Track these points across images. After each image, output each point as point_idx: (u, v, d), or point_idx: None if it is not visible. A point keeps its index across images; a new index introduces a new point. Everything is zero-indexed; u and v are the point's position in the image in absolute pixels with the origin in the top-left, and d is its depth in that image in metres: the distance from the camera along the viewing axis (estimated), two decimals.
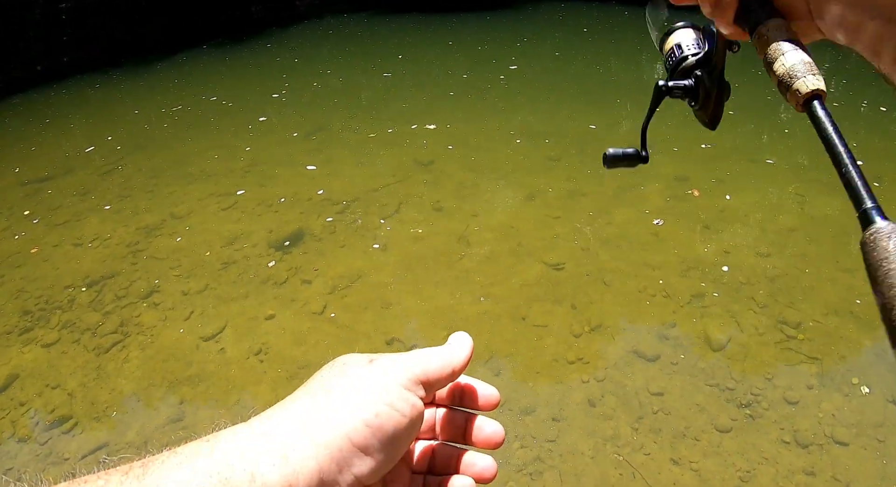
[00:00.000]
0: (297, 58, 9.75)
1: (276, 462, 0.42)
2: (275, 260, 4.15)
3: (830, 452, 2.69)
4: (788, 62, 0.58)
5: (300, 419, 0.45)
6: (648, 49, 9.86)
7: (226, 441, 0.43)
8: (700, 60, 0.81)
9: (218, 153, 5.97)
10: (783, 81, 0.58)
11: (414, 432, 0.50)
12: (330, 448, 0.44)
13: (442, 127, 6.30)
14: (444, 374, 0.53)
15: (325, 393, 0.47)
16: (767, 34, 0.63)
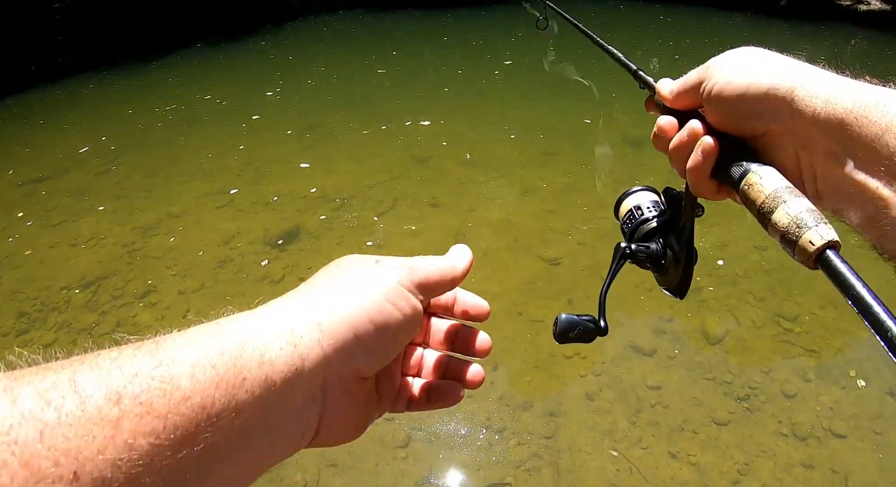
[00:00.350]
0: (292, 55, 9.72)
1: (283, 346, 0.44)
2: (270, 259, 4.14)
3: (828, 445, 2.69)
4: (793, 210, 0.52)
5: (308, 309, 0.48)
6: (644, 43, 9.88)
7: (235, 324, 0.45)
8: (665, 223, 0.75)
9: (212, 152, 5.95)
10: (788, 234, 0.51)
11: (412, 332, 0.54)
12: (335, 339, 0.47)
13: (436, 123, 6.29)
14: (444, 281, 0.57)
15: (333, 288, 0.51)
16: (761, 182, 0.57)
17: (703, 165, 0.63)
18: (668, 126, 0.69)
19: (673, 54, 8.81)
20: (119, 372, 0.38)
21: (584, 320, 0.65)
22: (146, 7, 10.33)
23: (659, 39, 9.80)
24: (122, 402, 0.37)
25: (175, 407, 0.38)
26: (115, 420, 0.36)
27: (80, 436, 0.34)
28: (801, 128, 0.58)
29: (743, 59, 0.64)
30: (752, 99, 0.60)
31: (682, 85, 0.69)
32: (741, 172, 0.59)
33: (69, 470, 0.33)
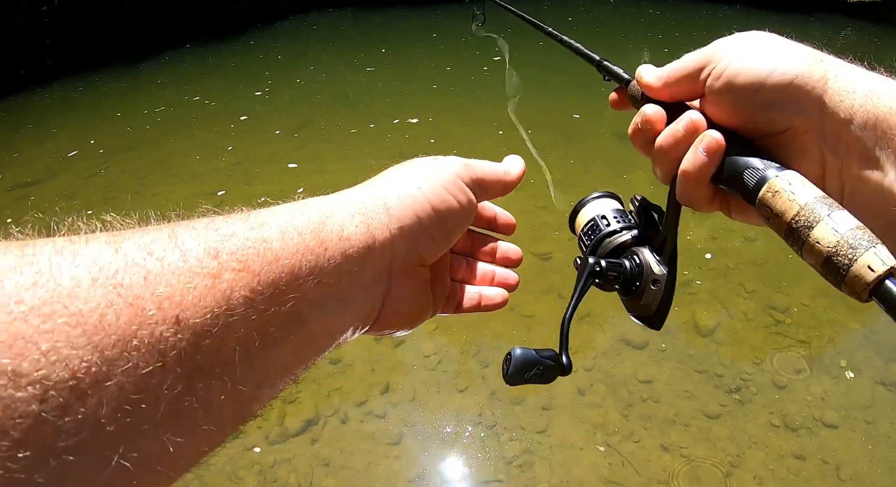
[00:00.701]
0: (281, 55, 9.70)
1: (358, 224, 0.48)
2: None
3: (819, 435, 2.70)
4: (842, 227, 0.43)
5: (378, 195, 0.52)
6: (635, 37, 9.89)
7: (316, 202, 0.50)
8: (639, 237, 0.63)
9: (202, 153, 5.93)
10: (836, 257, 0.42)
11: (467, 222, 0.58)
12: (402, 223, 0.51)
13: (424, 120, 6.28)
14: (498, 183, 0.61)
15: (398, 178, 0.55)
16: (791, 190, 0.47)
17: (705, 167, 0.53)
18: (656, 116, 0.59)
19: (662, 48, 8.81)
20: (215, 233, 0.41)
21: (544, 357, 0.55)
22: (136, 9, 10.29)
23: (648, 33, 9.81)
24: (220, 256, 0.39)
25: (267, 265, 0.41)
26: (214, 272, 0.38)
27: (182, 284, 0.36)
28: (832, 127, 0.50)
29: (758, 41, 0.55)
30: (774, 87, 0.51)
31: (676, 70, 0.59)
32: (759, 177, 0.49)
33: (172, 315, 0.35)
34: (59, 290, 0.32)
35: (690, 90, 0.58)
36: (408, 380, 3.06)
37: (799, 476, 2.54)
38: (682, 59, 0.59)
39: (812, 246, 0.44)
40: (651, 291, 0.58)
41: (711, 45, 0.57)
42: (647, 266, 0.59)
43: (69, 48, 9.50)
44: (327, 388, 3.05)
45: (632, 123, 0.62)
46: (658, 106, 0.59)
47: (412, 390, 3.00)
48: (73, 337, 0.31)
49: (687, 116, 0.56)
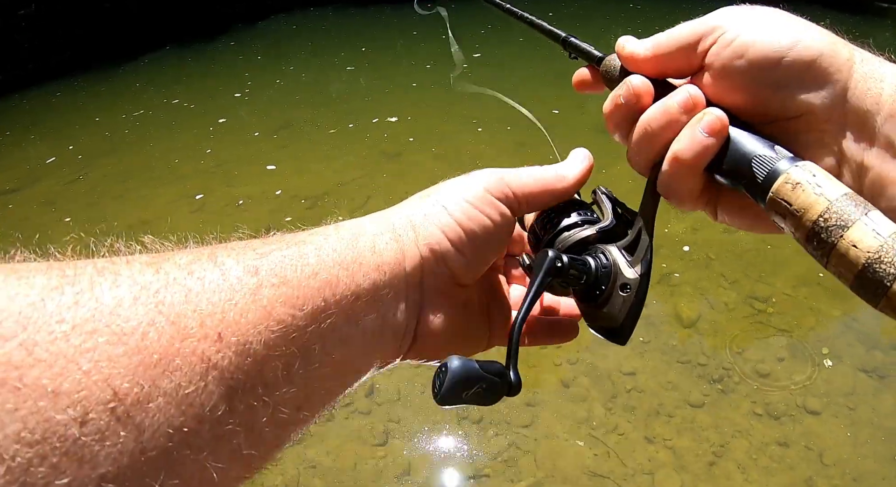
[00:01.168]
0: (261, 55, 9.65)
1: (388, 241, 0.48)
2: None
3: (802, 422, 2.72)
4: (884, 230, 0.36)
5: (406, 215, 0.51)
6: (617, 31, 9.90)
7: (346, 223, 0.51)
8: (606, 231, 0.52)
9: (182, 156, 5.89)
10: (874, 268, 0.35)
11: (504, 239, 0.53)
12: (428, 240, 0.49)
13: (403, 119, 6.27)
14: (544, 193, 0.54)
15: (424, 197, 0.53)
16: (816, 184, 0.39)
17: (704, 150, 0.45)
18: (643, 88, 0.50)
19: None
20: (253, 252, 0.41)
21: (488, 372, 0.43)
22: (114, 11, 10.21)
23: (629, 27, 9.83)
24: (260, 273, 0.39)
25: (306, 280, 0.41)
26: (254, 289, 0.38)
27: (223, 301, 0.36)
28: (855, 116, 0.43)
29: (771, 14, 0.48)
30: (794, 64, 0.44)
31: (668, 40, 0.52)
32: (772, 167, 0.42)
33: (214, 331, 0.35)
34: (101, 309, 0.32)
35: (684, 64, 0.51)
36: (392, 380, 3.06)
37: (783, 463, 2.56)
38: (676, 28, 0.52)
39: (846, 251, 0.36)
40: (619, 298, 0.48)
41: (712, 14, 0.50)
42: (616, 267, 0.49)
43: (48, 53, 9.42)
44: None
45: (610, 99, 0.53)
46: (646, 78, 0.51)
47: (397, 390, 3.00)
48: (114, 356, 0.31)
49: (684, 90, 0.48)
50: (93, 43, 9.83)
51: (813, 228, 0.39)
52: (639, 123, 0.50)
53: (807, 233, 0.39)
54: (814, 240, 0.39)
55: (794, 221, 0.40)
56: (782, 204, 0.41)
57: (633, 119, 0.51)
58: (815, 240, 0.39)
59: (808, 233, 0.39)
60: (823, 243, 0.38)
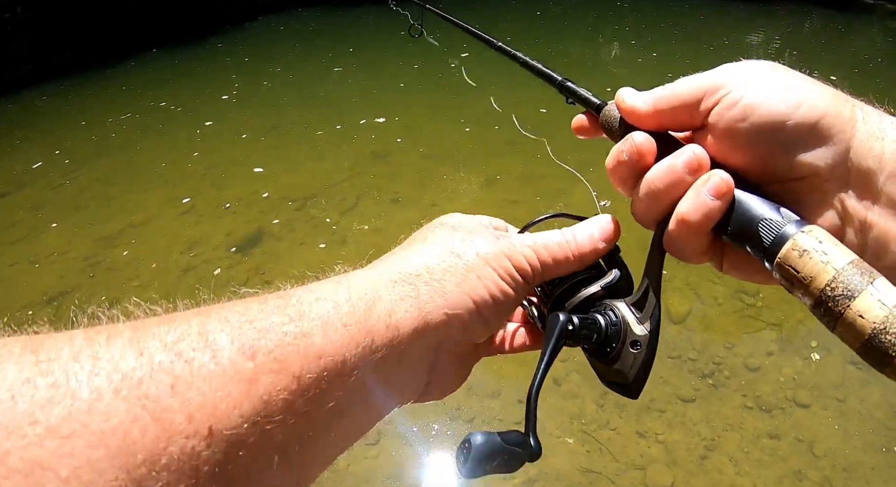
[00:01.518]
0: (248, 57, 9.62)
1: (410, 309, 0.45)
2: (234, 263, 4.10)
3: (793, 415, 2.74)
4: (889, 300, 0.36)
5: (432, 276, 0.48)
6: (604, 30, 9.95)
7: (361, 281, 0.46)
8: (612, 287, 0.53)
9: (170, 159, 5.86)
10: (879, 338, 0.36)
11: (519, 303, 0.53)
12: (458, 310, 0.47)
13: (391, 119, 6.27)
14: (557, 265, 0.53)
15: (448, 250, 0.50)
16: (823, 251, 0.40)
17: (710, 213, 0.45)
18: (647, 147, 0.49)
19: (630, 40, 8.86)
20: (250, 327, 0.37)
21: (510, 443, 0.44)
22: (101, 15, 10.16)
23: (617, 25, 9.86)
24: (257, 357, 0.36)
25: (308, 364, 0.38)
26: (249, 376, 0.35)
27: (215, 391, 0.33)
28: (858, 176, 0.43)
29: (772, 72, 0.47)
30: (799, 127, 0.43)
31: (670, 96, 0.50)
32: (779, 232, 0.42)
33: (204, 426, 0.32)
34: (78, 406, 0.29)
35: (686, 121, 0.50)
36: None
37: (774, 455, 2.57)
38: (677, 83, 0.50)
39: (853, 321, 0.37)
40: (629, 355, 0.48)
41: (715, 71, 0.49)
42: (626, 324, 0.49)
43: (34, 57, 9.36)
44: None
45: (613, 154, 0.52)
46: (648, 134, 0.50)
47: None
48: (94, 460, 0.28)
49: (689, 151, 0.47)
50: (78, 47, 9.78)
51: (820, 296, 0.39)
52: (643, 182, 0.49)
53: (814, 300, 0.40)
54: (821, 307, 0.39)
55: (801, 288, 0.41)
56: (790, 270, 0.41)
57: (637, 175, 0.51)
58: (822, 307, 0.39)
59: (816, 300, 0.40)
60: (831, 311, 0.39)
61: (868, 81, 6.83)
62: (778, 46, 8.43)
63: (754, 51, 8.20)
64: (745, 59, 0.50)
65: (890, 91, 6.40)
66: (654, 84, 0.53)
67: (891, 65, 7.45)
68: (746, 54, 8.08)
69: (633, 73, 7.56)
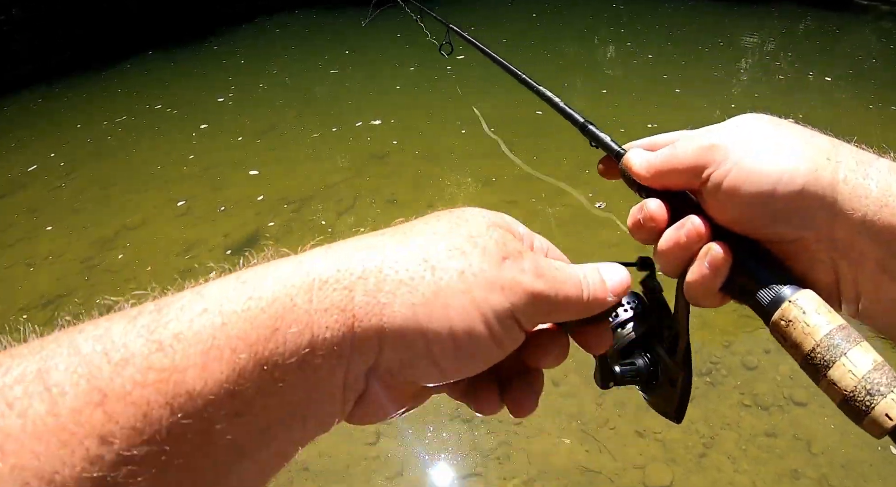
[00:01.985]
0: (244, 59, 9.61)
1: (332, 324, 0.35)
2: (232, 265, 4.07)
3: (790, 413, 2.75)
4: (860, 369, 0.41)
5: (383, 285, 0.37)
6: (599, 32, 9.97)
7: (271, 282, 0.36)
8: (649, 331, 0.57)
9: (166, 162, 5.85)
10: (854, 401, 0.41)
11: (499, 359, 0.41)
12: (397, 340, 0.37)
13: (387, 121, 6.27)
14: (570, 309, 0.43)
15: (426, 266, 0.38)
16: (806, 321, 0.44)
17: (711, 281, 0.49)
18: (659, 214, 0.53)
19: (625, 42, 8.89)
20: (103, 359, 0.30)
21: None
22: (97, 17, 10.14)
23: (612, 27, 9.88)
24: (107, 403, 0.29)
25: (179, 406, 0.30)
26: (99, 429, 0.28)
27: (53, 451, 0.27)
28: (844, 235, 0.46)
29: (757, 135, 0.49)
30: (782, 198, 0.46)
31: (669, 163, 0.53)
32: (772, 298, 0.46)
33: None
34: None
35: (686, 184, 0.53)
36: None
37: (772, 453, 2.58)
38: (676, 149, 0.53)
39: (828, 386, 0.42)
40: (668, 389, 0.55)
41: (709, 137, 0.51)
42: (662, 364, 0.55)
43: (30, 60, 9.34)
44: None
45: (631, 217, 0.55)
46: (660, 200, 0.53)
47: None
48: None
49: (689, 222, 0.50)
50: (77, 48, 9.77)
51: (804, 361, 0.44)
52: (657, 247, 0.53)
53: (800, 362, 0.45)
54: (805, 369, 0.45)
55: (790, 351, 0.46)
56: (779, 336, 0.46)
57: (654, 236, 0.54)
58: (806, 370, 0.45)
59: (801, 363, 0.45)
60: (813, 375, 0.44)
61: (863, 83, 6.86)
62: (773, 48, 8.46)
63: (750, 52, 8.23)
64: (738, 115, 0.53)
65: (885, 92, 6.43)
66: (650, 86, 0.55)
67: (885, 66, 7.48)
68: (742, 55, 8.11)
69: (629, 74, 7.58)
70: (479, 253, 0.39)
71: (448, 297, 0.37)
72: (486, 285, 0.38)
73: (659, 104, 6.31)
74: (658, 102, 6.36)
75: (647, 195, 0.56)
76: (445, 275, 0.38)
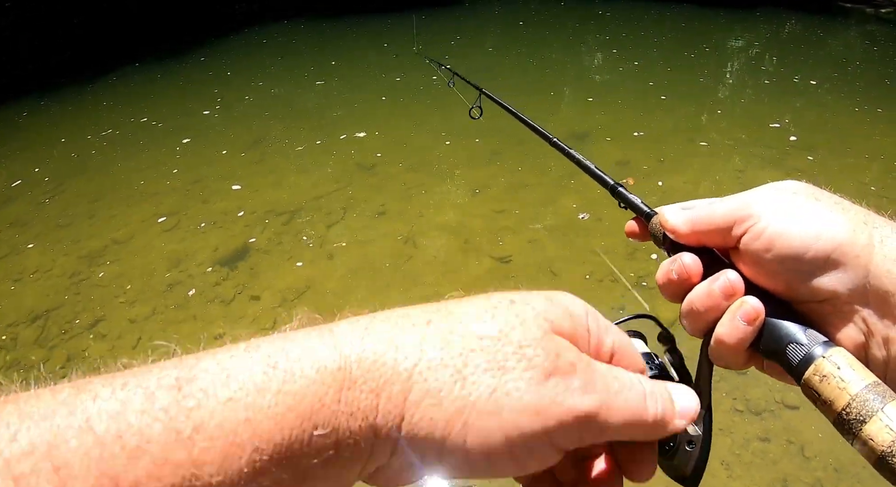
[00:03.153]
0: (230, 71, 9.60)
1: (352, 430, 0.34)
2: (221, 278, 4.07)
3: (783, 417, 2.75)
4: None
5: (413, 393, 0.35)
6: (586, 39, 10.02)
7: (301, 380, 0.33)
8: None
9: (152, 175, 5.82)
10: (887, 460, 0.39)
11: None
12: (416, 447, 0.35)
13: (371, 134, 6.28)
14: (617, 434, 0.38)
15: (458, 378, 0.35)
16: (840, 377, 0.43)
17: (743, 336, 0.48)
18: (694, 268, 0.52)
19: (611, 49, 8.94)
20: (118, 444, 0.29)
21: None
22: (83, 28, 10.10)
23: (598, 33, 9.93)
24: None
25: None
26: None
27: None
28: (877, 298, 0.46)
29: (797, 199, 0.49)
30: (817, 257, 0.46)
31: (705, 221, 0.53)
32: (804, 354, 0.46)
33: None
34: None
35: (721, 241, 0.52)
36: None
37: (765, 458, 2.58)
38: (713, 206, 0.53)
39: (864, 442, 0.40)
40: (685, 452, 0.51)
41: (746, 197, 0.51)
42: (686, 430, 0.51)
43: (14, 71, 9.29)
44: None
45: (663, 272, 0.54)
46: (695, 255, 0.53)
47: None
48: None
49: (724, 277, 0.50)
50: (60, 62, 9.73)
51: (838, 418, 0.43)
52: (686, 301, 0.52)
53: (833, 420, 0.43)
54: (839, 427, 0.43)
55: (823, 408, 0.44)
56: (812, 392, 0.45)
57: (684, 292, 0.53)
58: (840, 427, 0.43)
59: (835, 420, 0.43)
60: (847, 432, 0.42)
61: (848, 86, 6.92)
62: (758, 51, 8.52)
63: (735, 56, 8.28)
64: (771, 182, 0.53)
65: (869, 94, 6.49)
66: (636, 93, 0.55)
67: (869, 68, 7.56)
68: (727, 60, 8.17)
69: (615, 80, 7.62)
70: (522, 368, 0.35)
71: (472, 416, 0.34)
72: (518, 408, 0.34)
73: (645, 111, 6.34)
74: (644, 109, 6.39)
75: (677, 252, 0.55)
76: (476, 391, 0.34)
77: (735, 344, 0.49)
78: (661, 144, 5.47)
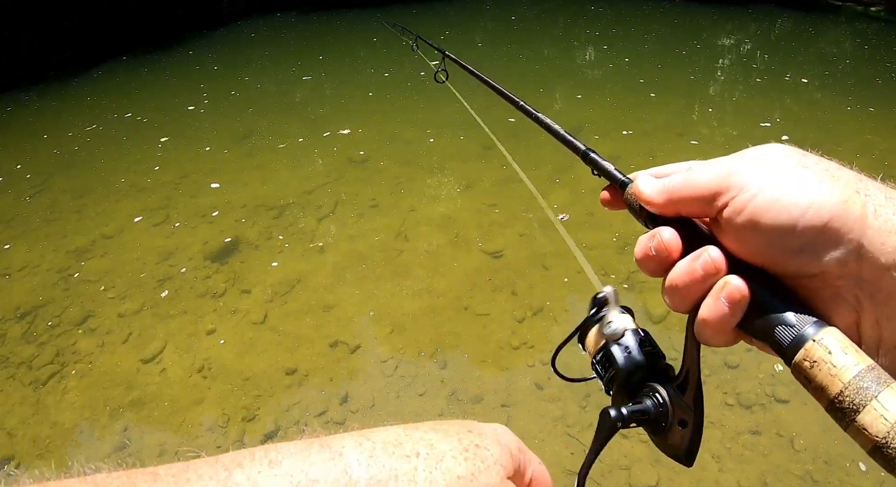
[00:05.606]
0: (217, 65, 9.53)
1: None
2: (212, 273, 4.05)
3: (773, 410, 2.76)
4: (892, 414, 0.39)
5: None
6: (577, 35, 10.02)
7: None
8: (656, 369, 0.55)
9: (140, 170, 5.78)
10: (882, 450, 0.38)
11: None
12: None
13: (355, 131, 6.26)
14: None
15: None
16: (832, 362, 0.41)
17: (727, 317, 0.45)
18: (674, 244, 0.49)
19: (602, 44, 8.94)
20: None
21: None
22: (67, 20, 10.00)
23: (588, 29, 9.94)
24: None
25: None
26: None
27: None
28: (870, 272, 0.43)
29: (781, 164, 0.46)
30: (807, 229, 0.43)
31: (685, 187, 0.49)
32: (794, 338, 0.43)
33: None
34: None
35: (701, 212, 0.49)
36: (366, 388, 3.03)
37: (756, 450, 2.59)
38: (692, 175, 0.49)
39: (858, 431, 0.39)
40: (678, 432, 0.51)
41: (729, 165, 0.48)
42: (672, 405, 0.51)
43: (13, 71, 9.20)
44: (286, 403, 3.01)
45: (641, 247, 0.51)
46: (674, 229, 0.50)
47: (371, 397, 2.98)
48: None
49: (706, 254, 0.47)
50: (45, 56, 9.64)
51: (830, 405, 0.41)
52: (668, 280, 0.49)
53: (826, 406, 0.41)
54: (832, 414, 0.41)
55: (815, 394, 0.42)
56: (803, 378, 0.42)
57: (665, 268, 0.50)
58: (833, 414, 0.41)
59: (827, 407, 0.41)
60: (841, 419, 0.40)
61: (839, 83, 6.96)
62: (749, 49, 8.55)
63: (726, 54, 8.31)
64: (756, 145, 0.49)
65: (860, 92, 6.52)
66: (626, 89, 0.53)
67: (859, 65, 7.60)
68: (718, 57, 8.20)
69: (605, 77, 7.63)
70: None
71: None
72: None
73: (635, 107, 6.35)
74: (634, 106, 6.40)
75: (655, 224, 0.52)
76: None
77: (720, 325, 0.46)
78: (652, 140, 5.49)
